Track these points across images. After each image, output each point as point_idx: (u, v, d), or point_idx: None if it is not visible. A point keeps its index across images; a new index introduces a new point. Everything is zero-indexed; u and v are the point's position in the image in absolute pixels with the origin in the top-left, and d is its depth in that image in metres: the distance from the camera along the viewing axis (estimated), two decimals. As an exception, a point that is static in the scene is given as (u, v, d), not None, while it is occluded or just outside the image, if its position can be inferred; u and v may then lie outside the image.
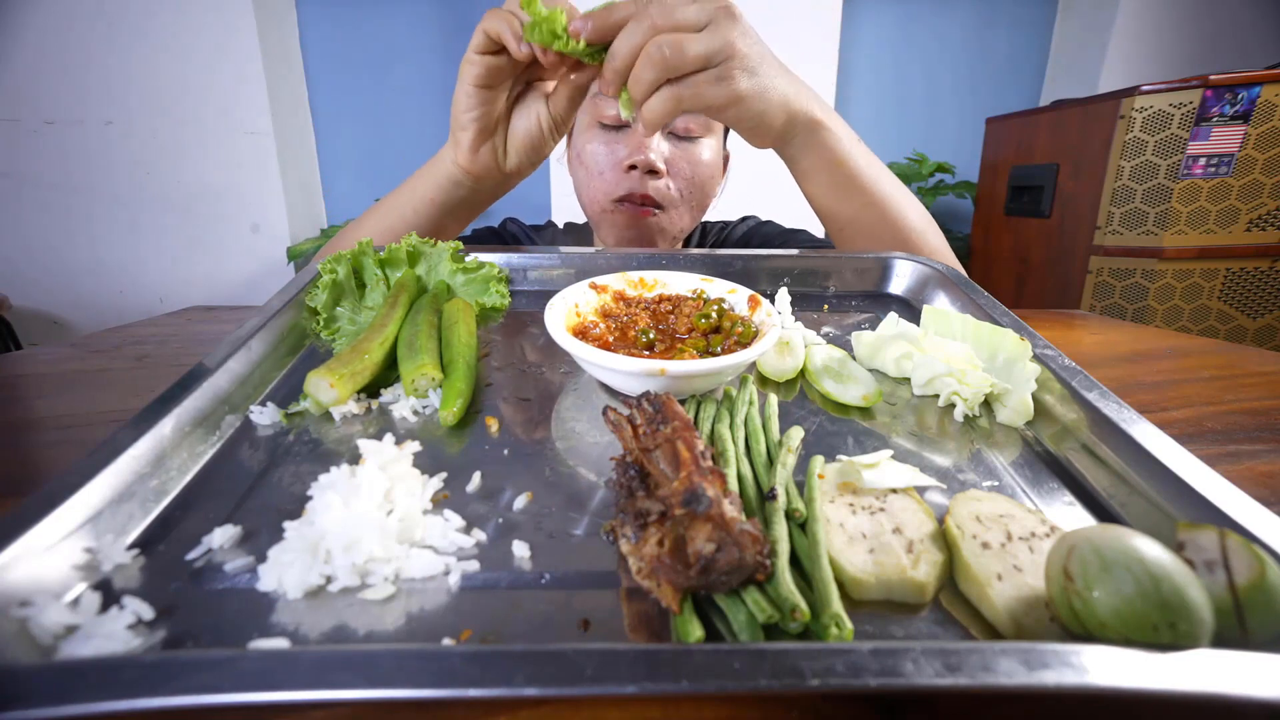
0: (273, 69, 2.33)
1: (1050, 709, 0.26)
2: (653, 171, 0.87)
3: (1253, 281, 1.88)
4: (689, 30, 0.56)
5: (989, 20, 2.71)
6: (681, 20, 0.55)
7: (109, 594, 0.30)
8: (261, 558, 0.31)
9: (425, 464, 0.39)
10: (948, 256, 0.80)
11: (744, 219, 1.16)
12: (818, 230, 1.00)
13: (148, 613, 0.28)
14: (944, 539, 0.32)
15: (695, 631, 0.26)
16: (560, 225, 1.22)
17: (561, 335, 0.47)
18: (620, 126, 0.89)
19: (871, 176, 0.74)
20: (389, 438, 0.39)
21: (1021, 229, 2.31)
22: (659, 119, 0.58)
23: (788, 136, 0.69)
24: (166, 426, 0.39)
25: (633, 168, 0.87)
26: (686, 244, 1.14)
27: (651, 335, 0.52)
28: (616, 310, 0.57)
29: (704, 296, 0.57)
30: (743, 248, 1.07)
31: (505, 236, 1.12)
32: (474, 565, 0.32)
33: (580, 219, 1.15)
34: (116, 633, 0.27)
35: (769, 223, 1.13)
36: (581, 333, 0.53)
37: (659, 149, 0.87)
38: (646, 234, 0.93)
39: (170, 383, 0.44)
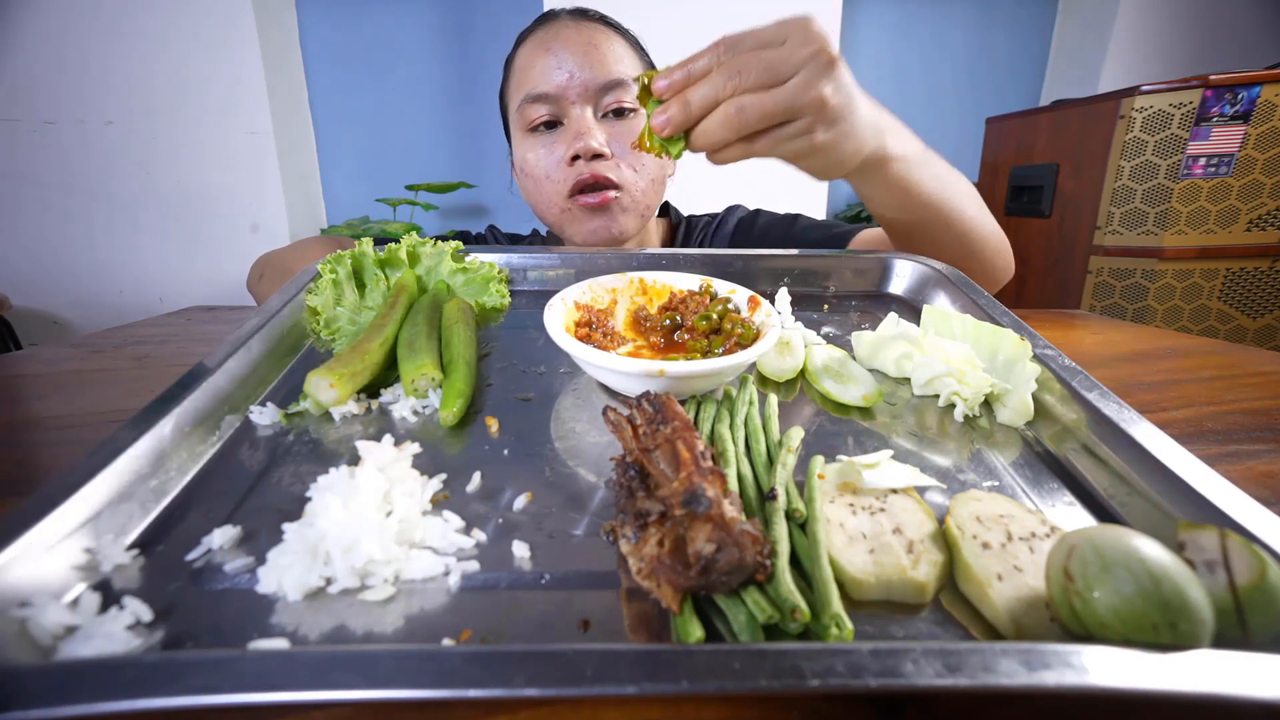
0: (273, 69, 2.33)
1: (1050, 709, 0.26)
2: (598, 156, 0.86)
3: (1253, 281, 1.88)
4: (776, 84, 0.52)
5: (989, 20, 2.70)
6: (769, 78, 0.51)
7: (109, 594, 0.30)
8: (261, 559, 0.31)
9: (425, 464, 0.39)
10: (1005, 255, 0.83)
11: (730, 209, 1.13)
12: (813, 213, 0.98)
13: (147, 613, 0.28)
14: (944, 539, 0.32)
15: (695, 632, 0.26)
16: (543, 233, 1.22)
17: (561, 336, 0.47)
18: (551, 124, 0.88)
19: (934, 192, 0.72)
20: (388, 439, 0.39)
21: (1021, 229, 2.31)
22: (724, 161, 0.56)
23: (855, 174, 0.66)
24: (166, 426, 0.39)
25: (576, 158, 0.86)
26: (673, 240, 1.13)
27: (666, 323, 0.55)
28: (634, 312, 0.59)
29: (711, 290, 0.57)
30: (741, 239, 1.07)
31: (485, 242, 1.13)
32: (474, 566, 0.32)
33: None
34: (116, 633, 0.27)
35: (760, 211, 1.11)
36: (585, 324, 0.54)
37: (597, 134, 0.86)
38: (613, 217, 0.91)
39: (170, 383, 0.44)
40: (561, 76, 0.86)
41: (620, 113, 0.89)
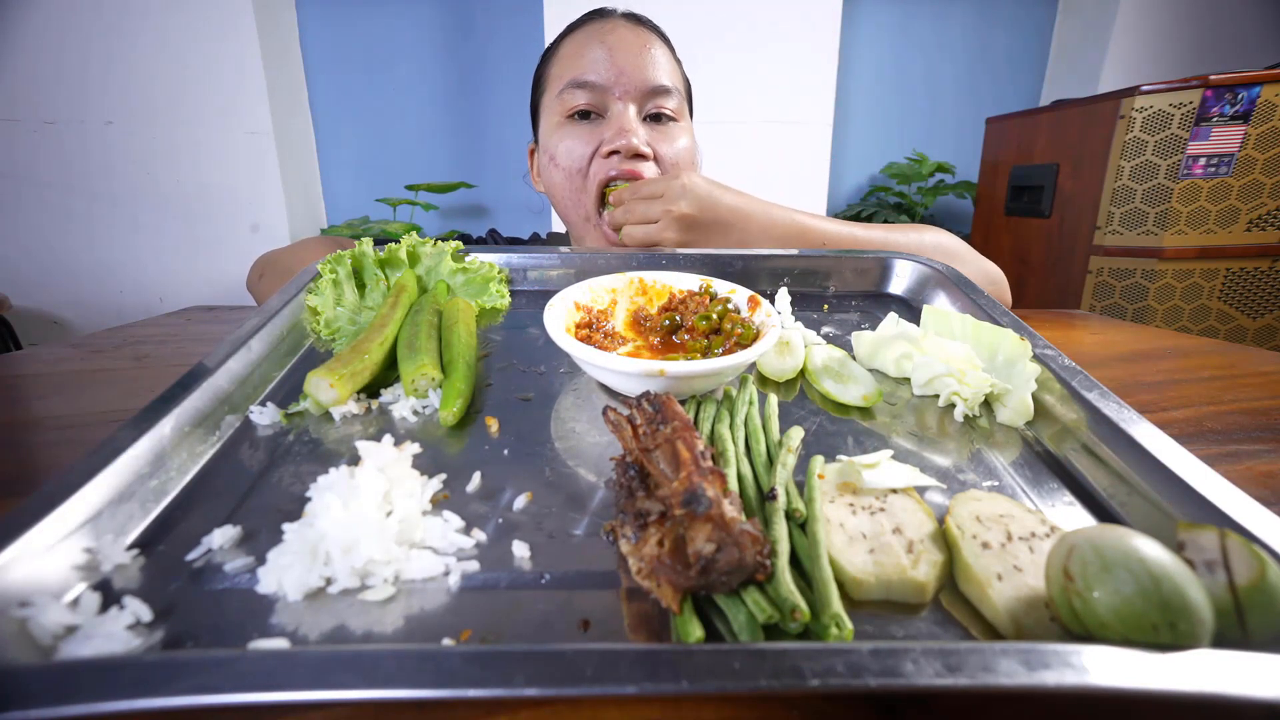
0: (273, 69, 2.33)
1: (1050, 709, 0.26)
2: (636, 155, 0.87)
3: (1253, 281, 1.88)
4: (648, 222, 0.81)
5: (989, 20, 2.70)
6: (643, 218, 0.81)
7: (109, 594, 0.30)
8: (261, 559, 0.31)
9: (425, 464, 0.39)
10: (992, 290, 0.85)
11: None
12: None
13: (147, 613, 0.28)
14: (944, 539, 0.32)
15: (695, 631, 0.26)
16: (543, 236, 1.24)
17: (561, 336, 0.47)
18: (586, 114, 0.89)
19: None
20: (388, 439, 0.38)
21: (1021, 229, 2.31)
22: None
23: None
24: (166, 426, 0.39)
25: (614, 153, 0.86)
26: None
27: (666, 324, 0.56)
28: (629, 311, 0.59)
29: (711, 290, 0.57)
30: None
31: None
32: (474, 565, 0.32)
33: (561, 229, 1.15)
34: (116, 633, 0.27)
35: None
36: (585, 324, 0.54)
37: (640, 132, 0.87)
38: None
39: (170, 383, 0.43)
40: (612, 70, 0.86)
41: (658, 117, 0.90)
